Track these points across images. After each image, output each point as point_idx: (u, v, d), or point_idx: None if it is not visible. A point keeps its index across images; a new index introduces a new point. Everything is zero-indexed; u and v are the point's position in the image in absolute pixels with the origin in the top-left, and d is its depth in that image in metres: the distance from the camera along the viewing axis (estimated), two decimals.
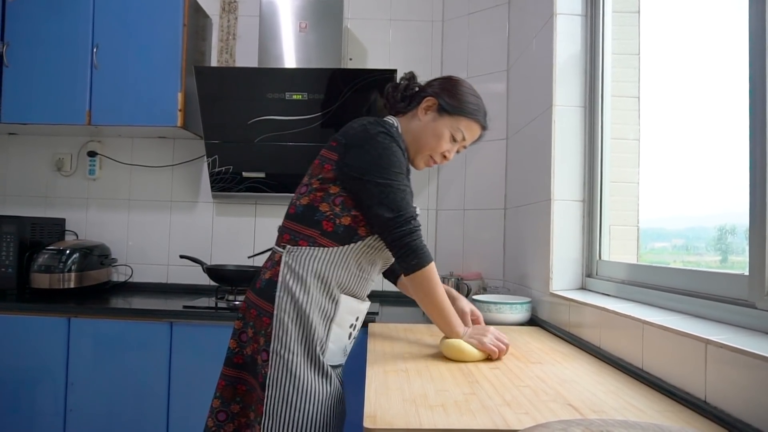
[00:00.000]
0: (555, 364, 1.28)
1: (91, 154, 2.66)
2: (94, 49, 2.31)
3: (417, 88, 1.46)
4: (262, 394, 1.23)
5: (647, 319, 1.14)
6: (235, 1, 2.66)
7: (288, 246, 1.32)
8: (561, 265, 1.74)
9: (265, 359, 1.25)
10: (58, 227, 2.61)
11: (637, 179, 1.73)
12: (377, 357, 1.32)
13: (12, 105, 2.34)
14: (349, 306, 1.33)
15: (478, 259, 2.45)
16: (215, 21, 2.67)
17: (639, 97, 1.74)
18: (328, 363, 1.28)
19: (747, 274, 1.02)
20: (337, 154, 1.32)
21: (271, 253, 1.39)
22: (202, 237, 2.65)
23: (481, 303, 1.84)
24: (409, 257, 1.27)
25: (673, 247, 1.69)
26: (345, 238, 1.30)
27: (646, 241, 1.75)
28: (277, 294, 1.27)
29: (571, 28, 1.77)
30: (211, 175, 2.46)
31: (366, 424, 0.86)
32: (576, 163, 1.76)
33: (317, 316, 1.27)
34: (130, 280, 2.62)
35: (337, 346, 1.32)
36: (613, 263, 1.63)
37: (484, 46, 2.46)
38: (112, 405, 2.01)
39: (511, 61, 2.34)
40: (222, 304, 2.15)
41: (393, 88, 1.47)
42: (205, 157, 2.46)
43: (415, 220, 1.29)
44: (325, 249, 1.29)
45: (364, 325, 1.62)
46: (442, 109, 1.39)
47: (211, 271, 2.30)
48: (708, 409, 0.91)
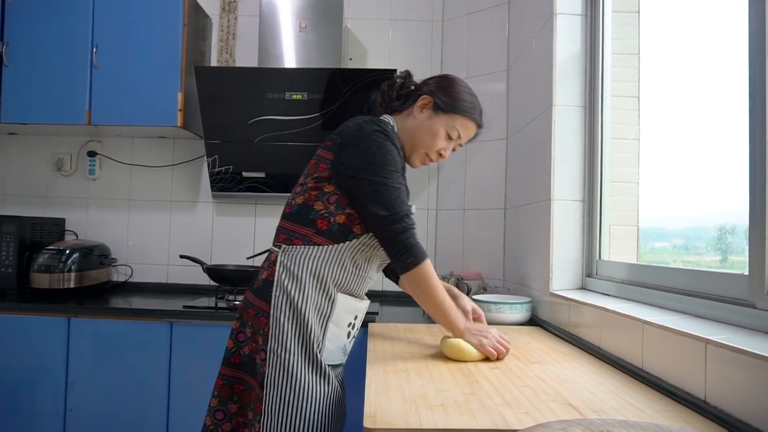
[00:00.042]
0: (555, 364, 1.28)
1: (91, 154, 2.66)
2: (94, 49, 2.31)
3: (413, 87, 1.46)
4: (262, 393, 1.23)
5: (647, 319, 1.14)
6: (235, 1, 2.66)
7: (283, 245, 1.32)
8: (561, 264, 1.74)
9: (263, 358, 1.25)
10: (58, 227, 2.61)
11: (637, 179, 1.73)
12: (377, 357, 1.32)
13: (12, 105, 2.34)
14: (346, 305, 1.33)
15: (478, 259, 2.45)
16: (215, 21, 2.67)
17: (639, 97, 1.74)
18: (326, 362, 1.27)
19: (747, 274, 1.02)
20: (333, 153, 1.32)
21: (268, 253, 1.39)
22: (202, 237, 2.65)
23: (481, 303, 1.84)
24: (404, 255, 1.26)
25: (673, 247, 1.69)
26: (340, 236, 1.29)
27: (646, 241, 1.75)
28: (274, 293, 1.27)
29: (571, 27, 1.77)
30: (211, 175, 2.46)
31: (366, 424, 0.86)
32: (576, 163, 1.76)
33: (314, 314, 1.27)
34: (130, 280, 2.62)
35: (335, 345, 1.32)
36: (613, 263, 1.63)
37: (484, 46, 2.46)
38: (112, 405, 2.01)
39: (511, 61, 2.34)
40: (222, 304, 2.15)
41: (389, 87, 1.47)
42: (205, 157, 2.46)
43: (410, 218, 1.28)
44: (321, 247, 1.29)
45: (364, 324, 1.62)
46: (438, 108, 1.39)
47: (211, 271, 2.30)
48: (708, 409, 0.91)
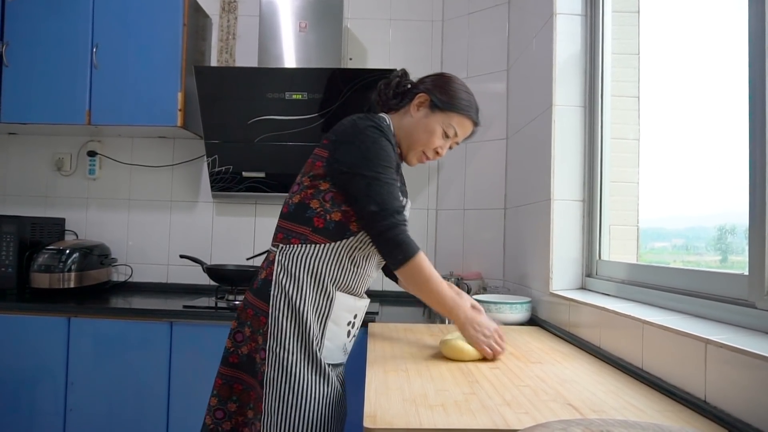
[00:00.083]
0: (555, 363, 1.28)
1: (91, 154, 2.66)
2: (94, 49, 2.31)
3: (409, 85, 1.46)
4: (262, 392, 1.23)
5: (647, 319, 1.14)
6: (234, 1, 2.66)
7: (281, 245, 1.32)
8: (561, 264, 1.74)
9: (263, 358, 1.25)
10: (58, 227, 2.61)
11: (637, 179, 1.73)
12: (377, 357, 1.32)
13: (12, 105, 2.34)
14: (345, 303, 1.32)
15: (478, 259, 2.45)
16: (215, 21, 2.67)
17: (639, 97, 1.74)
18: (326, 361, 1.27)
19: (747, 274, 1.02)
20: (328, 151, 1.32)
21: (267, 253, 1.39)
22: (202, 237, 2.65)
23: (481, 303, 1.82)
24: (394, 252, 1.25)
25: (673, 247, 1.69)
26: (336, 234, 1.29)
27: (646, 241, 1.75)
28: (272, 293, 1.27)
29: (571, 27, 1.77)
30: (211, 174, 2.46)
31: (366, 423, 0.86)
32: (576, 163, 1.76)
33: (312, 313, 1.27)
34: (130, 279, 2.62)
35: (335, 344, 1.32)
36: (613, 263, 1.63)
37: (484, 45, 2.46)
38: (112, 405, 2.01)
39: (511, 61, 2.34)
40: (222, 304, 2.15)
41: (385, 85, 1.46)
42: (205, 156, 2.46)
43: (400, 215, 1.26)
44: (317, 246, 1.29)
45: (364, 324, 1.62)
46: (434, 106, 1.39)
47: (211, 270, 2.30)
48: (708, 409, 0.91)
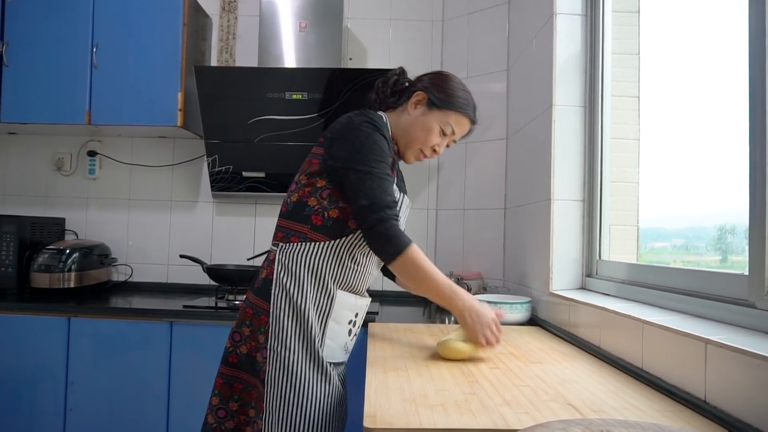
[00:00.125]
0: (555, 363, 1.28)
1: (91, 154, 2.66)
2: (94, 49, 2.31)
3: (407, 83, 1.46)
4: (264, 391, 1.23)
5: (647, 319, 1.14)
6: (235, 1, 2.66)
7: (281, 243, 1.32)
8: (561, 264, 1.74)
9: (265, 356, 1.25)
10: (58, 227, 2.60)
11: (637, 179, 1.73)
12: (377, 357, 1.32)
13: (12, 104, 2.34)
14: (346, 302, 1.32)
15: (478, 259, 2.45)
16: (215, 21, 2.67)
17: (639, 97, 1.74)
18: (327, 360, 1.27)
19: (747, 273, 1.02)
20: (324, 149, 1.32)
21: (268, 252, 1.39)
22: (202, 237, 2.65)
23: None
24: (385, 246, 1.24)
25: (673, 246, 1.69)
26: (335, 231, 1.29)
27: (646, 241, 1.75)
28: (273, 291, 1.27)
29: (571, 27, 1.77)
30: (211, 174, 2.46)
31: (366, 423, 0.86)
32: (576, 163, 1.76)
33: (313, 312, 1.27)
34: (130, 279, 2.62)
35: (336, 343, 1.32)
36: (613, 263, 1.63)
37: (484, 45, 2.46)
38: (112, 404, 2.01)
39: (511, 61, 2.34)
40: (222, 304, 2.15)
41: (383, 83, 1.46)
42: (205, 156, 2.46)
43: (391, 209, 1.25)
44: (317, 243, 1.29)
45: (364, 324, 1.62)
46: (432, 104, 1.39)
47: (211, 270, 2.30)
48: (708, 409, 0.91)
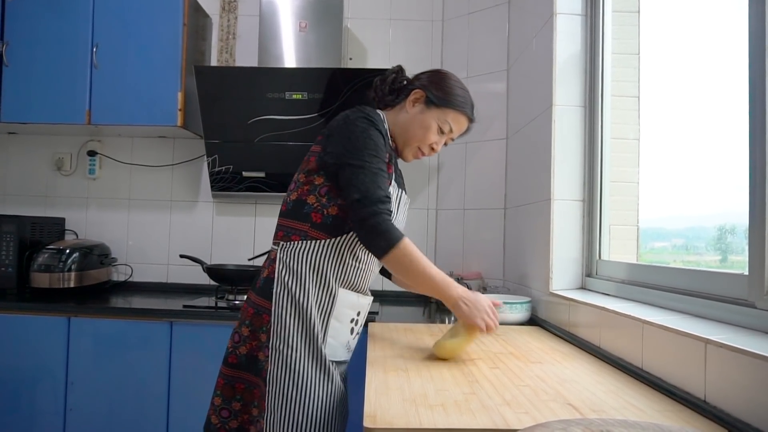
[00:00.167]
0: (555, 363, 1.28)
1: (91, 154, 2.66)
2: (94, 49, 2.31)
3: (405, 81, 1.46)
4: (266, 390, 1.23)
5: (647, 319, 1.14)
6: (234, 1, 2.66)
7: (282, 242, 1.32)
8: (561, 264, 1.74)
9: (267, 355, 1.25)
10: (57, 227, 2.60)
11: (637, 179, 1.73)
12: (377, 357, 1.32)
13: (12, 104, 2.34)
14: (348, 300, 1.33)
15: (478, 259, 2.45)
16: (215, 20, 2.67)
17: (639, 97, 1.74)
18: (330, 358, 1.28)
19: (747, 273, 1.02)
20: (321, 146, 1.33)
21: (269, 251, 1.39)
22: (202, 236, 2.65)
23: None
24: (376, 240, 1.22)
25: (673, 246, 1.69)
26: (336, 229, 1.30)
27: (646, 241, 1.75)
28: (275, 290, 1.28)
29: (571, 27, 1.77)
30: (211, 174, 2.46)
31: (366, 423, 0.86)
32: (576, 163, 1.76)
33: (315, 310, 1.27)
34: (130, 279, 2.62)
35: (338, 341, 1.32)
36: (613, 263, 1.63)
37: (484, 45, 2.46)
38: (112, 404, 2.01)
39: (511, 61, 2.34)
40: (222, 304, 2.15)
41: (381, 82, 1.47)
42: (205, 156, 2.46)
43: (384, 204, 1.23)
44: (318, 241, 1.29)
45: (364, 324, 1.62)
46: (430, 102, 1.39)
47: (211, 270, 2.30)
48: (708, 409, 0.91)
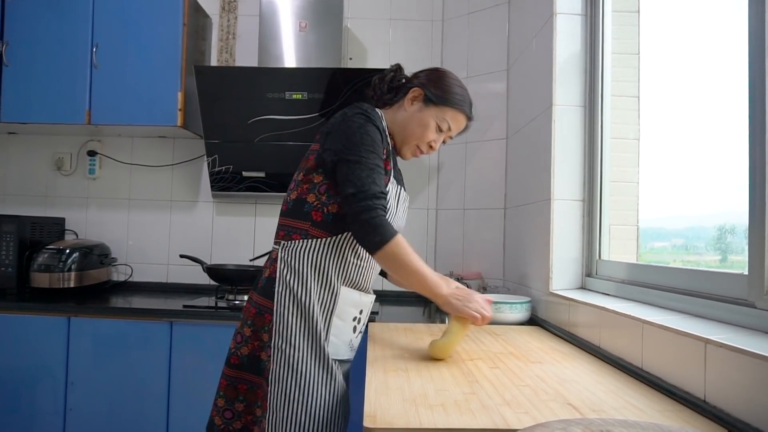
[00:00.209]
0: (555, 363, 1.28)
1: (91, 154, 2.66)
2: (94, 49, 2.31)
3: (403, 80, 1.46)
4: (269, 389, 1.24)
5: (647, 319, 1.14)
6: (234, 1, 2.66)
7: (283, 242, 1.33)
8: (561, 264, 1.74)
9: (269, 355, 1.25)
10: (57, 226, 2.60)
11: (637, 179, 1.73)
12: (377, 357, 1.32)
13: (12, 104, 2.34)
14: (350, 298, 1.33)
15: (478, 259, 2.45)
16: (215, 20, 2.67)
17: (639, 97, 1.74)
18: (332, 357, 1.28)
19: (746, 273, 1.02)
20: (319, 144, 1.33)
21: (270, 251, 1.39)
22: (202, 236, 2.65)
23: None
24: (370, 235, 1.22)
25: (673, 246, 1.69)
26: (336, 227, 1.30)
27: (646, 241, 1.75)
28: (276, 289, 1.28)
29: (571, 27, 1.77)
30: (211, 174, 2.46)
31: (366, 423, 0.86)
32: (576, 163, 1.76)
33: (317, 308, 1.28)
34: (130, 279, 2.62)
35: (341, 339, 1.32)
36: (613, 263, 1.63)
37: (484, 45, 2.46)
38: (112, 404, 2.01)
39: (511, 61, 2.34)
40: (222, 304, 2.15)
41: (380, 80, 1.47)
42: (205, 156, 2.46)
43: (378, 199, 1.23)
44: (318, 240, 1.29)
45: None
46: (428, 100, 1.39)
47: (211, 270, 2.30)
48: (708, 409, 0.92)
